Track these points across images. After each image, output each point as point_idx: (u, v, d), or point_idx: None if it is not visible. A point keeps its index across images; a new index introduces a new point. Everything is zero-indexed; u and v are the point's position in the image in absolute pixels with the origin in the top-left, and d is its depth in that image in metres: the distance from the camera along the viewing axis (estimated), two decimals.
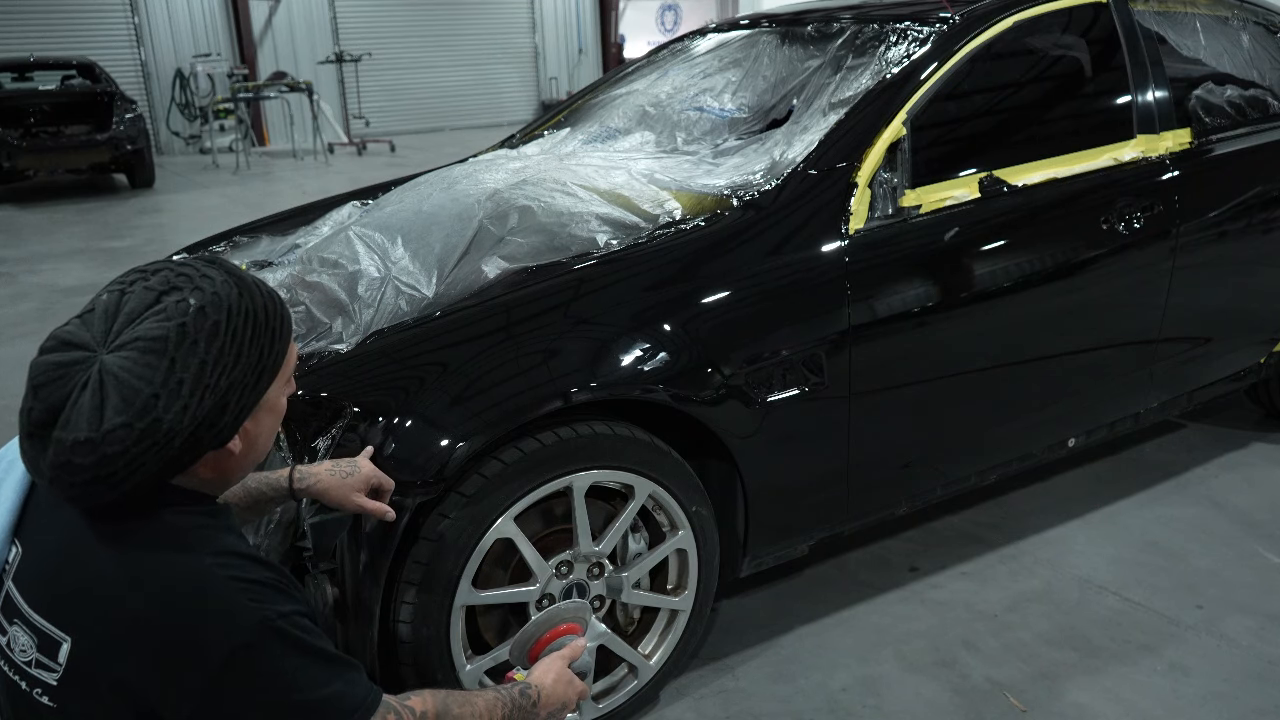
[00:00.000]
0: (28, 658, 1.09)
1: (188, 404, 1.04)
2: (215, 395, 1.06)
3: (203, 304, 1.07)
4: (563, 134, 3.11)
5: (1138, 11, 2.77)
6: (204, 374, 1.05)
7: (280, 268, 2.41)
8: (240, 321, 1.09)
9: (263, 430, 1.17)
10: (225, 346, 1.07)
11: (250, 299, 1.11)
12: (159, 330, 1.04)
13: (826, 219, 2.19)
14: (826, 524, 2.34)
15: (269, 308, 1.14)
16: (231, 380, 1.08)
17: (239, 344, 1.08)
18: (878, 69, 2.42)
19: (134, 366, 1.03)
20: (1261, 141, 2.94)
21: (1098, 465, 3.21)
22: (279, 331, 1.15)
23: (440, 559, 1.79)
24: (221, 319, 1.07)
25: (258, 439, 1.17)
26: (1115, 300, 2.63)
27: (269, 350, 1.12)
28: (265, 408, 1.15)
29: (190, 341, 1.05)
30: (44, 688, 1.08)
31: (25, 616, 1.10)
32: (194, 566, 1.06)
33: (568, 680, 1.41)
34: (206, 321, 1.06)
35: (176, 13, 14.02)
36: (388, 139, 13.79)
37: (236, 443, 1.13)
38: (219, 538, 1.11)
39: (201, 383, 1.05)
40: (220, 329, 1.07)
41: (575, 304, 1.98)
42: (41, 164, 10.10)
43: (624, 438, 1.94)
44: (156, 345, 1.04)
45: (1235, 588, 2.55)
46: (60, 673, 1.06)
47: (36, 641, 1.08)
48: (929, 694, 2.20)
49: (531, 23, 17.23)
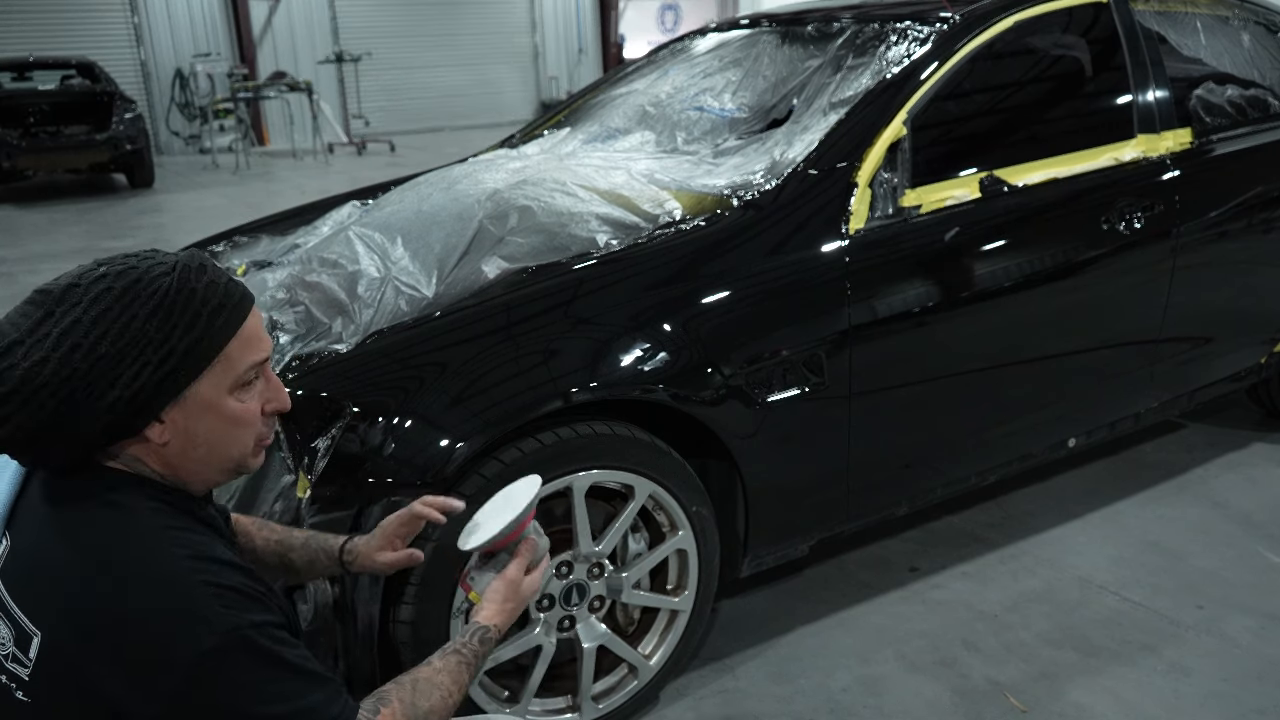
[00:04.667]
0: (5, 651, 1.08)
1: (48, 357, 1.01)
2: (92, 360, 1.02)
3: (109, 271, 1.06)
4: (563, 134, 3.11)
5: (1138, 11, 2.77)
6: (74, 332, 1.02)
7: (280, 268, 2.41)
8: (143, 295, 1.05)
9: (203, 430, 1.11)
10: (111, 312, 1.03)
11: (174, 280, 1.07)
12: (50, 286, 1.05)
13: (827, 219, 2.19)
14: (827, 524, 2.33)
15: (196, 294, 1.08)
16: (119, 351, 1.03)
17: (130, 315, 1.04)
18: (878, 69, 2.42)
19: (15, 314, 1.04)
20: (1262, 141, 2.94)
21: (1098, 465, 3.21)
22: (205, 320, 1.08)
23: (440, 559, 1.79)
24: (118, 286, 1.04)
25: (196, 438, 1.11)
26: (1115, 300, 2.63)
27: (180, 335, 1.06)
28: (199, 404, 1.10)
29: (73, 302, 1.03)
30: (18, 682, 1.07)
31: (6, 608, 1.09)
32: (166, 569, 1.04)
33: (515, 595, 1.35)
34: (100, 286, 1.04)
35: (176, 12, 14.02)
36: (388, 139, 13.79)
37: (161, 434, 1.09)
38: (196, 540, 1.09)
39: (69, 339, 1.02)
40: (110, 295, 1.04)
41: (575, 304, 1.98)
42: (41, 164, 10.12)
43: (624, 438, 1.94)
44: (39, 297, 1.05)
45: (1236, 588, 2.55)
46: (31, 668, 1.05)
47: (13, 634, 1.07)
48: (929, 694, 2.20)
49: (531, 23, 17.23)
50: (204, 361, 1.09)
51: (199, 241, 2.91)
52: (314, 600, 1.75)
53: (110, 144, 9.88)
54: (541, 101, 17.30)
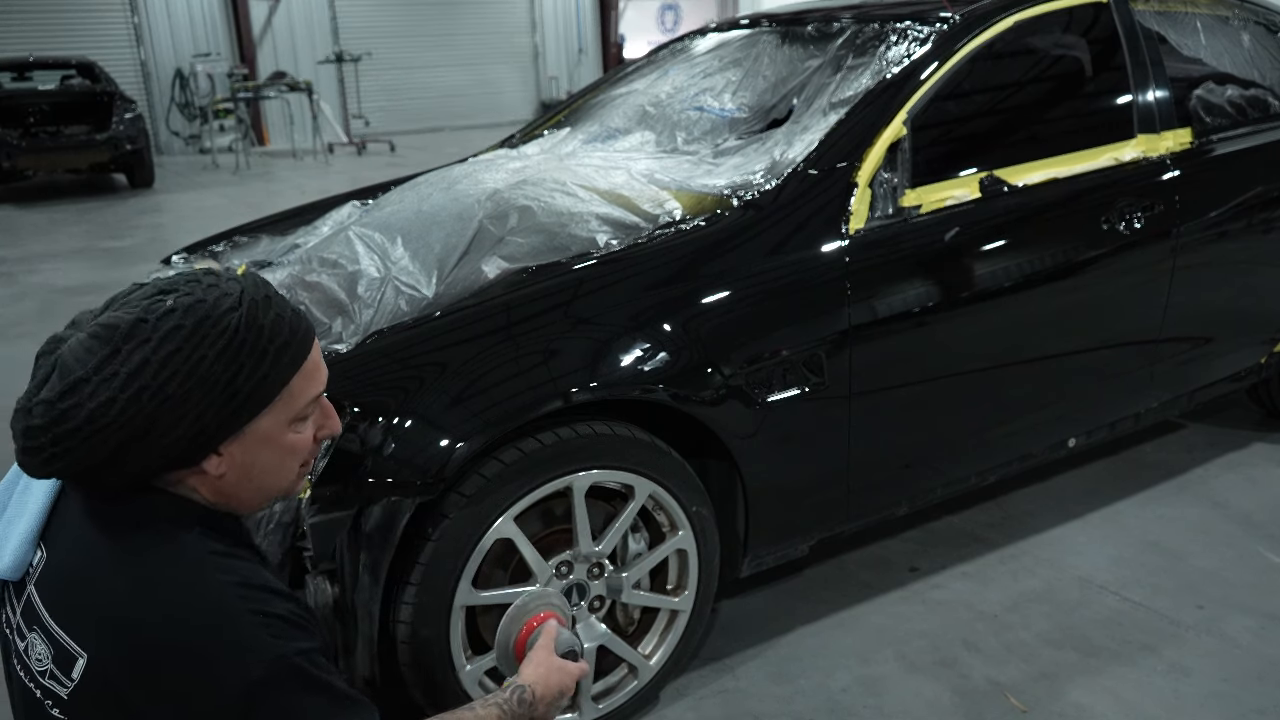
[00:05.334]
0: (43, 667, 1.06)
1: (115, 398, 0.99)
2: (160, 400, 1.00)
3: (177, 306, 1.03)
4: (563, 134, 3.11)
5: (1138, 11, 2.77)
6: (143, 373, 1.00)
7: (280, 268, 2.41)
8: (212, 333, 1.03)
9: (259, 462, 1.11)
10: (181, 353, 1.01)
11: (241, 317, 1.05)
12: (115, 320, 1.02)
13: (827, 219, 2.19)
14: (827, 524, 2.33)
15: (264, 331, 1.06)
16: (186, 391, 1.01)
17: (199, 356, 1.02)
18: (878, 69, 2.42)
19: (78, 348, 1.02)
20: (1262, 141, 2.93)
21: (1098, 465, 3.21)
22: (272, 357, 1.07)
23: (440, 559, 1.79)
24: (187, 323, 1.02)
25: (252, 470, 1.11)
26: (1116, 300, 2.63)
27: (247, 374, 1.05)
28: (257, 438, 1.09)
29: (142, 338, 1.01)
30: (55, 700, 1.05)
31: (45, 625, 1.07)
32: (214, 597, 1.03)
33: (558, 667, 1.38)
34: (169, 323, 1.02)
35: (176, 12, 14.02)
36: (388, 139, 13.79)
37: (218, 466, 1.08)
38: (242, 566, 1.08)
39: (139, 381, 1.00)
40: (180, 334, 1.02)
41: (575, 304, 1.98)
42: (41, 164, 10.12)
43: (624, 438, 1.94)
44: (105, 332, 1.02)
45: (1236, 588, 2.54)
46: (72, 688, 1.04)
47: (53, 652, 1.05)
48: (929, 694, 2.20)
49: (531, 23, 17.23)
50: (268, 399, 1.08)
51: (199, 241, 2.91)
52: (314, 600, 1.75)
53: (110, 144, 9.88)
54: (541, 101, 17.30)
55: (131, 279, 2.81)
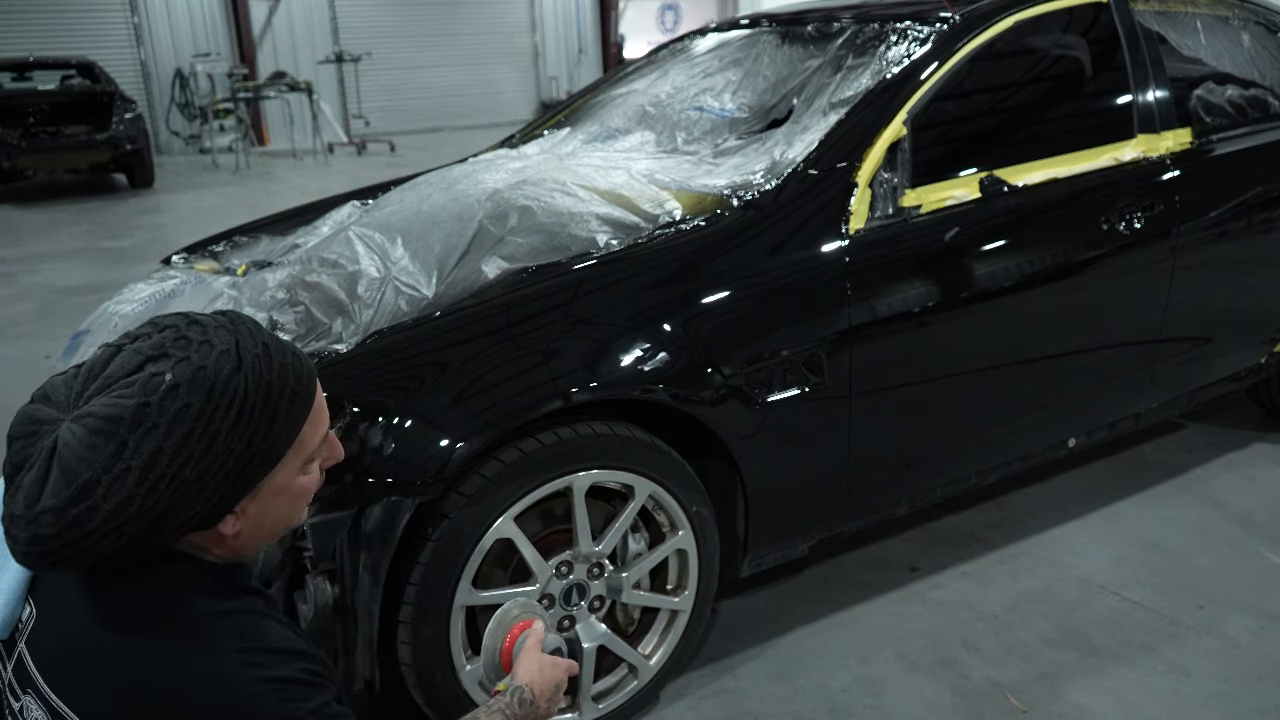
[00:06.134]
0: None
1: (132, 495, 0.93)
2: (177, 486, 0.95)
3: (179, 381, 0.96)
4: (563, 134, 3.11)
5: (1138, 11, 2.77)
6: (158, 463, 0.94)
7: (280, 268, 2.41)
8: (222, 406, 0.97)
9: (271, 512, 1.08)
10: (194, 434, 0.95)
11: (247, 379, 0.99)
12: (115, 408, 0.94)
13: (826, 219, 2.19)
14: (827, 524, 2.33)
15: (273, 387, 1.02)
16: (202, 470, 0.96)
17: (213, 432, 0.96)
18: (878, 69, 2.42)
19: (79, 445, 0.93)
20: (1262, 141, 2.93)
21: (1098, 465, 3.21)
22: (283, 414, 1.03)
23: (440, 559, 1.79)
24: (195, 402, 0.95)
25: (265, 519, 1.08)
26: (1115, 300, 2.63)
27: (261, 437, 1.01)
28: (271, 492, 1.06)
29: (149, 425, 0.94)
30: None
31: (39, 690, 1.02)
32: (217, 669, 0.99)
33: (550, 663, 1.38)
34: (175, 404, 0.95)
35: (176, 12, 14.02)
36: (388, 139, 13.79)
37: (232, 525, 1.04)
38: (248, 625, 1.04)
39: (154, 473, 0.94)
40: (190, 413, 0.95)
41: (575, 304, 1.98)
42: (41, 164, 10.12)
43: (624, 438, 1.94)
44: (108, 425, 0.93)
45: (1236, 588, 2.54)
46: None
47: (48, 716, 1.01)
48: (929, 694, 2.20)
49: (531, 23, 17.23)
50: (281, 454, 1.05)
51: (199, 241, 2.91)
52: (314, 600, 1.75)
53: (110, 144, 9.89)
54: (541, 101, 17.30)
55: (131, 279, 2.81)
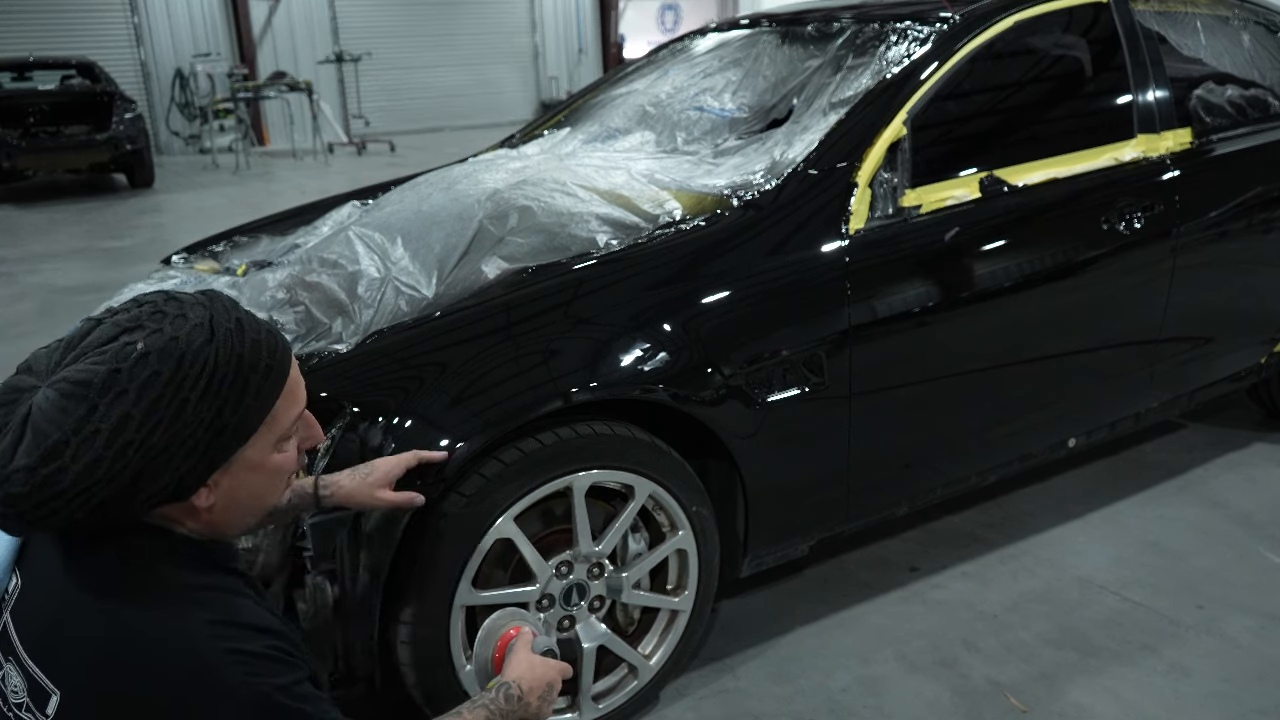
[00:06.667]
0: (19, 700, 1.04)
1: (100, 457, 0.95)
2: (145, 452, 0.97)
3: (150, 350, 0.98)
4: (563, 134, 3.11)
5: (1138, 11, 2.77)
6: (126, 428, 0.96)
7: (280, 268, 2.41)
8: (191, 374, 0.99)
9: (246, 487, 1.09)
10: (162, 401, 0.98)
11: (218, 351, 1.01)
12: (87, 373, 0.97)
13: (826, 219, 2.19)
14: (827, 524, 2.33)
15: (244, 360, 1.03)
16: (170, 438, 0.98)
17: (181, 400, 0.98)
18: (878, 69, 2.42)
19: (50, 408, 0.96)
20: (1262, 141, 2.93)
21: (1098, 465, 3.21)
22: (254, 387, 1.04)
23: (440, 559, 1.79)
24: (165, 369, 0.98)
25: (239, 495, 1.09)
26: (1116, 300, 2.63)
27: (231, 409, 1.02)
28: (244, 466, 1.07)
29: (118, 390, 0.96)
30: None
31: (19, 658, 1.04)
32: (188, 639, 1.00)
33: (541, 662, 1.38)
34: (145, 370, 0.97)
35: (176, 12, 14.02)
36: (388, 139, 13.79)
37: (206, 497, 1.06)
38: (220, 601, 1.05)
39: (122, 437, 0.96)
40: (159, 380, 0.98)
41: (575, 304, 1.98)
42: (41, 164, 10.12)
43: (624, 438, 1.94)
44: (78, 390, 0.96)
45: (1236, 588, 2.54)
46: None
47: (28, 685, 1.03)
48: (929, 694, 2.20)
49: (531, 23, 17.23)
50: (253, 428, 1.06)
51: (199, 241, 2.91)
52: (314, 600, 1.75)
53: (110, 144, 9.88)
54: (541, 101, 17.30)
55: (131, 279, 2.81)
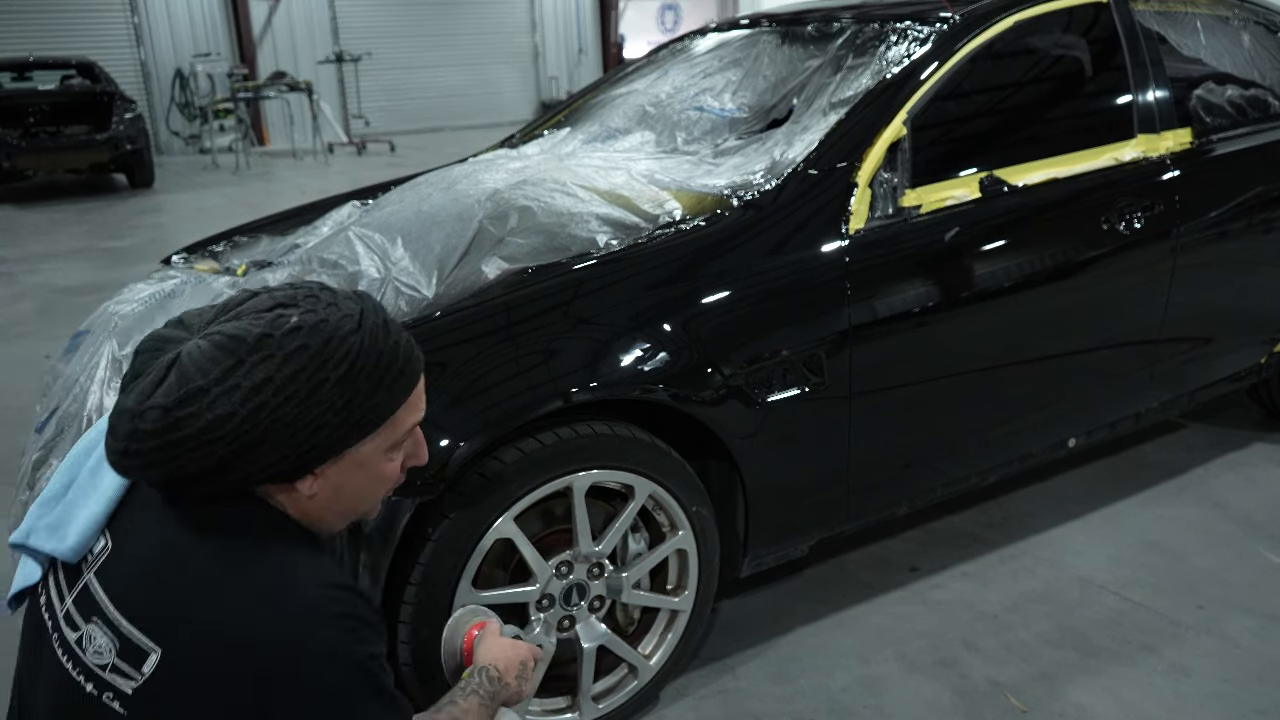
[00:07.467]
0: (104, 660, 1.03)
1: (234, 412, 0.99)
2: (275, 420, 1.00)
3: (302, 324, 1.03)
4: (563, 134, 3.11)
5: (1138, 11, 2.77)
6: (264, 390, 0.99)
7: (280, 268, 2.40)
8: (334, 357, 1.03)
9: (350, 486, 1.11)
10: (303, 374, 1.01)
11: (363, 341, 1.05)
12: (242, 331, 1.01)
13: (827, 219, 2.19)
14: (827, 524, 2.33)
15: (383, 357, 1.07)
16: (301, 413, 1.01)
17: (320, 379, 1.02)
18: (878, 69, 2.42)
19: (200, 356, 1.00)
20: (1262, 141, 2.93)
21: (1098, 465, 3.21)
22: (386, 385, 1.07)
23: (440, 559, 1.79)
24: (312, 345, 1.02)
25: (342, 492, 1.11)
26: (1116, 300, 2.63)
27: (361, 399, 1.05)
28: (354, 463, 1.09)
29: (266, 353, 1.00)
30: (116, 694, 1.02)
31: (108, 617, 1.04)
32: (302, 599, 1.02)
33: (510, 644, 1.38)
34: (294, 341, 1.01)
35: (176, 12, 14.02)
36: (388, 139, 13.79)
37: (310, 485, 1.08)
38: (325, 566, 1.08)
39: (259, 398, 0.99)
40: (305, 354, 1.01)
41: (575, 304, 1.98)
42: (41, 164, 10.12)
43: (624, 438, 1.94)
44: (231, 343, 1.01)
45: (1236, 588, 2.54)
46: (141, 683, 1.01)
47: (118, 645, 1.03)
48: (929, 694, 2.20)
49: (531, 23, 17.23)
50: (375, 426, 1.09)
51: (199, 241, 2.91)
52: None
53: (110, 144, 9.89)
54: (541, 101, 17.30)
55: (131, 279, 2.81)
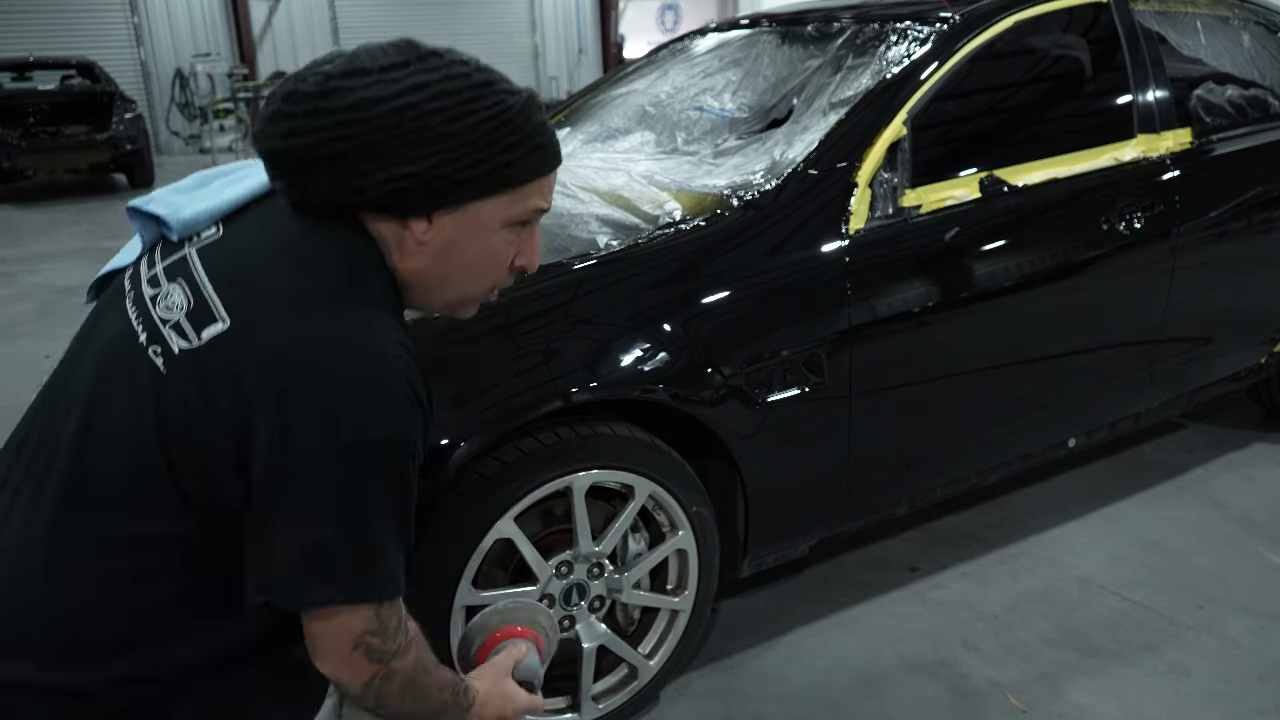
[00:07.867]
0: (171, 316, 1.03)
1: (384, 97, 1.00)
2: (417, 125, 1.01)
3: (473, 64, 1.07)
4: (562, 134, 3.11)
5: (1138, 11, 2.77)
6: (417, 92, 1.01)
7: None
8: (489, 97, 1.05)
9: (459, 249, 1.10)
10: (457, 95, 1.03)
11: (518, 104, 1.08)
12: (416, 44, 1.06)
13: (827, 219, 2.19)
14: (827, 524, 2.33)
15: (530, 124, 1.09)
16: (444, 130, 1.02)
17: (470, 108, 1.04)
18: (878, 69, 2.42)
19: (376, 48, 1.05)
20: (1262, 141, 2.93)
21: (1098, 465, 3.21)
22: (525, 148, 1.08)
23: (440, 559, 1.79)
24: (474, 78, 1.05)
25: (450, 254, 1.10)
26: (1116, 300, 2.63)
27: (501, 148, 1.06)
28: (472, 221, 1.09)
29: (431, 65, 1.04)
30: (164, 350, 1.01)
31: (195, 279, 1.05)
32: (379, 343, 1.01)
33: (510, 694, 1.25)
34: (459, 68, 1.05)
35: (176, 12, 14.03)
36: None
37: (424, 233, 1.07)
38: (405, 335, 1.06)
39: (410, 97, 1.01)
40: (465, 80, 1.04)
41: (575, 304, 1.98)
42: (41, 164, 10.12)
43: (624, 438, 1.94)
44: (405, 44, 1.05)
45: (1236, 588, 2.55)
46: (194, 347, 1.00)
47: (192, 306, 1.03)
48: (929, 694, 2.20)
49: (531, 23, 17.24)
50: (503, 185, 1.09)
51: None
52: None
53: (110, 144, 9.88)
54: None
55: None
